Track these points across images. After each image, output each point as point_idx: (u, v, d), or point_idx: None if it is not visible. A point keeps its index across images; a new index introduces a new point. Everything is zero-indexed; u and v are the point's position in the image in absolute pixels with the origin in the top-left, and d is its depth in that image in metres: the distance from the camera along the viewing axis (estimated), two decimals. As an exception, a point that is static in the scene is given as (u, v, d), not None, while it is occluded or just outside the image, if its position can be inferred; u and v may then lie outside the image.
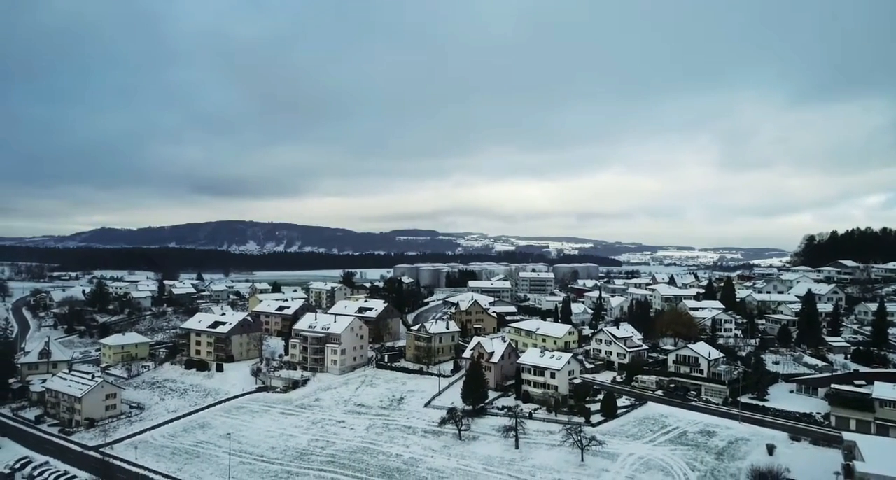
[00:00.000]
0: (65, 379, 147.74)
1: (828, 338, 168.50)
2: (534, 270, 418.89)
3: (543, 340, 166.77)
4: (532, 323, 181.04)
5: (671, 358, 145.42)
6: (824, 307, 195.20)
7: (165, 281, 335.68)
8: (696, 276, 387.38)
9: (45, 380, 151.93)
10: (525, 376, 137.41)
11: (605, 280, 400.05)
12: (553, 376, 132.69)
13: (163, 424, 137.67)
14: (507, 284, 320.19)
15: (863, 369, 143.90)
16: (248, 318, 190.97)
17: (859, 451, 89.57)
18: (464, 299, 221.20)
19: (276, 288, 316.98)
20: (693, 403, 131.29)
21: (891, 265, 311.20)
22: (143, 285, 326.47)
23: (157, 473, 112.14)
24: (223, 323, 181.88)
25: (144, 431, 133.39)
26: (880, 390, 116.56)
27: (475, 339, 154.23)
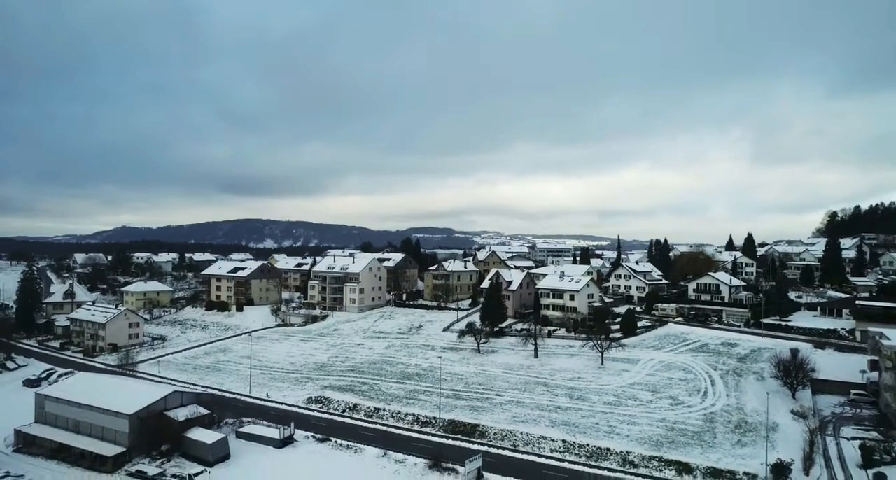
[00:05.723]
0: (89, 309, 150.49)
1: (852, 278, 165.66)
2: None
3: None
4: (549, 269, 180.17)
5: (691, 287, 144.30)
6: (848, 254, 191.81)
7: (186, 254, 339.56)
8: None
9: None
10: (544, 300, 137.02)
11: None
12: (572, 298, 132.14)
13: (185, 350, 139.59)
14: (525, 249, 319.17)
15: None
16: (268, 263, 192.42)
17: (885, 336, 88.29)
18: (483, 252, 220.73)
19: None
20: (714, 326, 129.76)
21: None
22: (164, 255, 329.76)
23: (178, 381, 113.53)
24: (243, 269, 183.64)
25: (166, 355, 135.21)
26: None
27: (493, 269, 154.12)
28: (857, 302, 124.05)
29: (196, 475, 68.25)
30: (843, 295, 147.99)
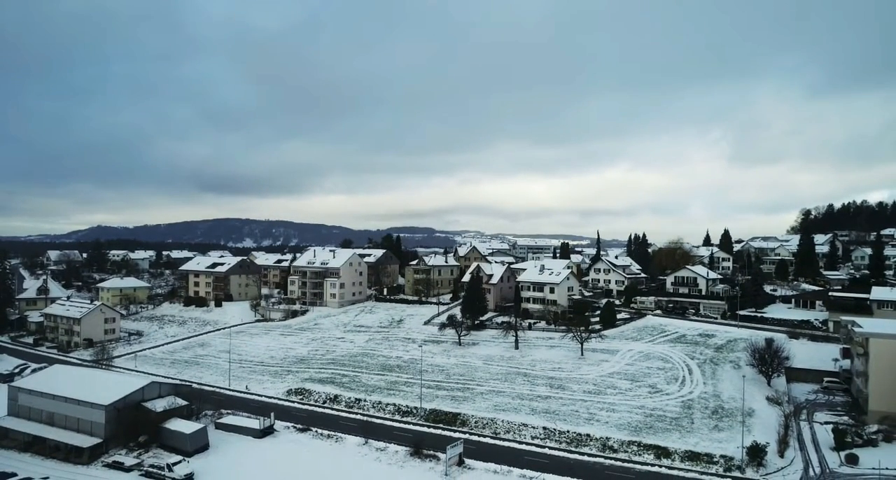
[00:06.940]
0: (63, 305, 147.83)
1: (825, 272, 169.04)
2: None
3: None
4: (530, 263, 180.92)
5: (669, 280, 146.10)
6: (821, 249, 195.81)
7: (163, 252, 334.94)
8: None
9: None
10: (524, 293, 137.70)
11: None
12: (552, 290, 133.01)
13: (162, 345, 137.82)
14: (506, 246, 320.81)
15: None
16: (248, 259, 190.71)
17: (857, 324, 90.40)
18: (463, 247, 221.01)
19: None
20: (692, 318, 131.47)
21: (887, 231, 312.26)
22: (140, 253, 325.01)
23: (156, 375, 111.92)
24: (221, 264, 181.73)
25: (144, 350, 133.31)
26: (878, 292, 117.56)
27: (474, 263, 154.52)
28: (830, 293, 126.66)
29: (175, 464, 67.45)
30: (817, 288, 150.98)
